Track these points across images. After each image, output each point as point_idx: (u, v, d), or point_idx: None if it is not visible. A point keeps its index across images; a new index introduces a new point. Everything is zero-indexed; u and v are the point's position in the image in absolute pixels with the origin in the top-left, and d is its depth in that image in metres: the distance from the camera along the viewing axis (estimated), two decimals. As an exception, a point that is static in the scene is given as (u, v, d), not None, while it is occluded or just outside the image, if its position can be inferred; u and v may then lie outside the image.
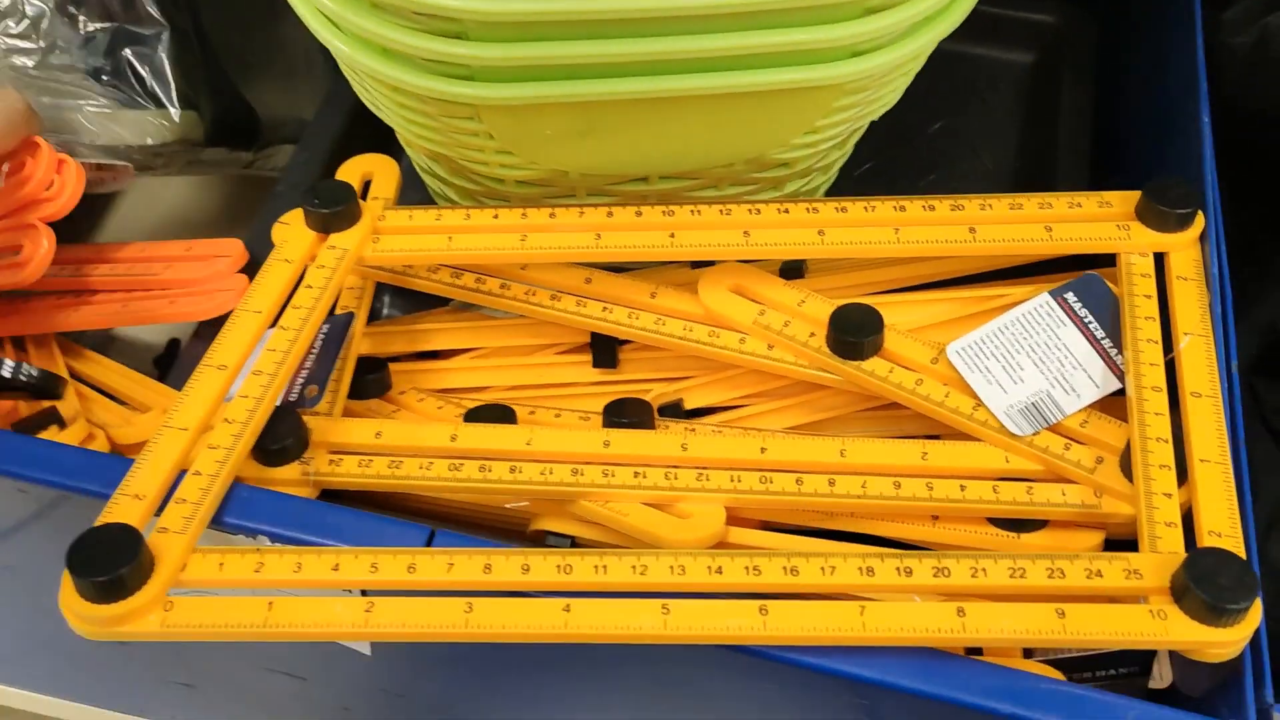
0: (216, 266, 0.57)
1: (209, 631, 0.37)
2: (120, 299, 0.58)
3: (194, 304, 0.56)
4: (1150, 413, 0.45)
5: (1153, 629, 0.39)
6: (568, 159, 0.50)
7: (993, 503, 0.46)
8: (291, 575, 0.38)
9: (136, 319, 0.57)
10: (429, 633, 0.36)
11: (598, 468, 0.47)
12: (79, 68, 0.55)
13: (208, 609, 0.37)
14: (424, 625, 0.36)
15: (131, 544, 0.37)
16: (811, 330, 0.50)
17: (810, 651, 0.39)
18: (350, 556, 0.38)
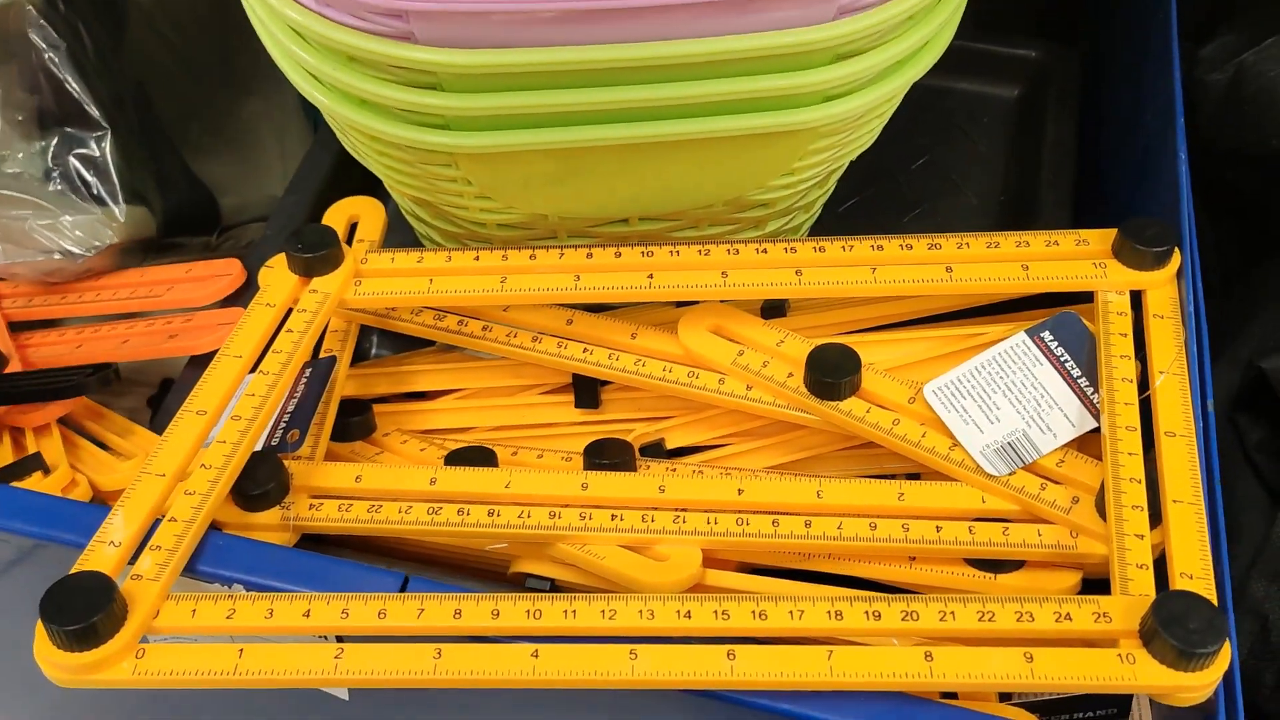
0: (216, 286, 0.58)
1: (181, 679, 0.37)
2: (121, 335, 0.59)
3: (193, 339, 0.57)
4: (1124, 453, 0.45)
5: (1121, 673, 0.39)
6: (545, 204, 0.50)
7: (969, 544, 0.46)
8: (263, 622, 0.38)
9: (136, 354, 0.58)
10: (398, 679, 0.37)
11: (575, 510, 0.47)
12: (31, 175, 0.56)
13: (179, 656, 0.37)
14: (393, 671, 0.37)
15: (104, 592, 0.37)
16: (790, 370, 0.50)
17: (780, 696, 0.39)
18: (322, 603, 0.38)
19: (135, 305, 0.59)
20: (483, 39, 0.41)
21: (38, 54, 0.55)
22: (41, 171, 0.57)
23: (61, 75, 0.56)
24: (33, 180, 0.57)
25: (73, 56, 0.56)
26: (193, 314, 0.57)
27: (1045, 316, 0.51)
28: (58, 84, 0.56)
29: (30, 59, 0.55)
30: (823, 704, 0.39)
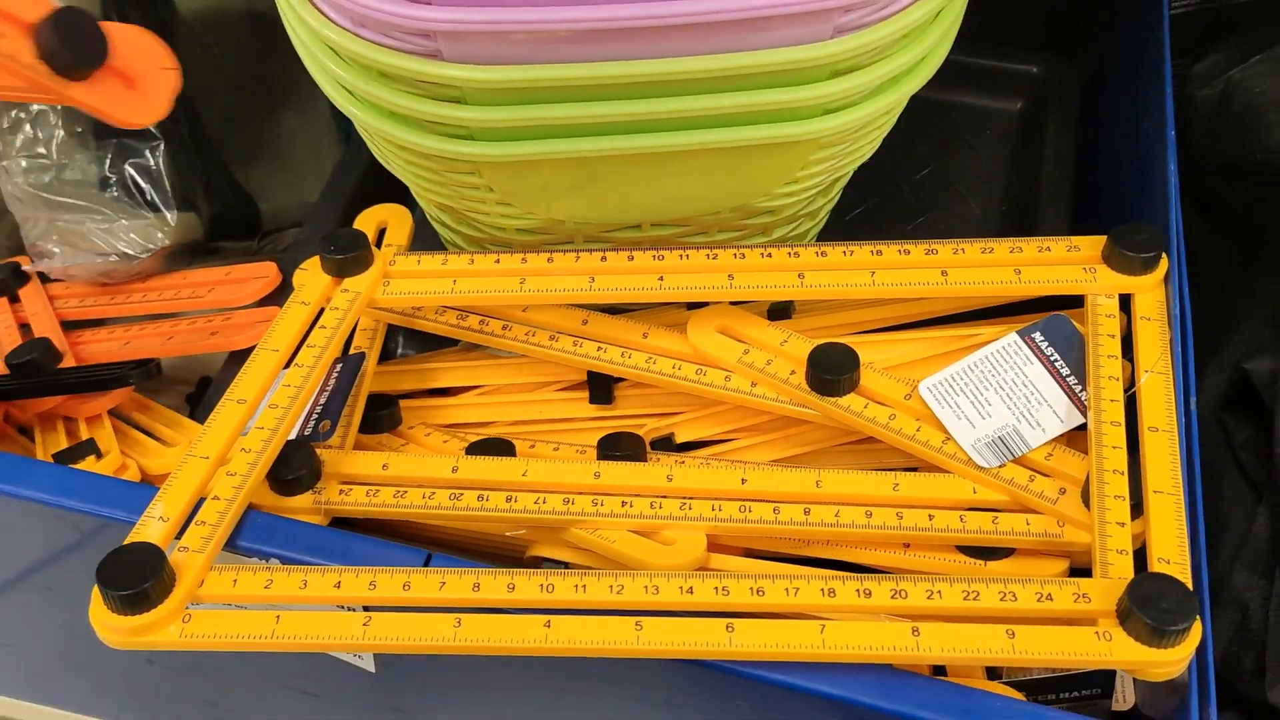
0: (254, 287, 0.61)
1: (223, 642, 0.40)
2: (166, 332, 0.62)
3: (232, 336, 0.61)
4: (1109, 446, 0.48)
5: (1098, 649, 0.41)
6: (563, 210, 0.53)
7: (959, 531, 0.49)
8: (298, 591, 0.41)
9: (180, 350, 0.61)
10: (420, 645, 0.40)
11: (588, 497, 0.50)
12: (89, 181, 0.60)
13: (222, 621, 0.41)
14: (416, 638, 0.40)
15: (155, 561, 0.41)
16: (792, 368, 0.53)
17: (774, 668, 0.41)
18: (351, 575, 0.42)
19: (179, 305, 0.63)
20: (504, 56, 0.44)
21: (93, 68, 0.59)
22: (98, 179, 0.61)
23: (116, 88, 0.59)
24: (90, 187, 0.61)
25: (126, 70, 0.59)
26: (232, 313, 0.61)
27: (1037, 319, 0.54)
28: (113, 96, 0.60)
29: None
30: (816, 676, 0.42)
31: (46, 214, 0.60)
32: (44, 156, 0.60)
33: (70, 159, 0.60)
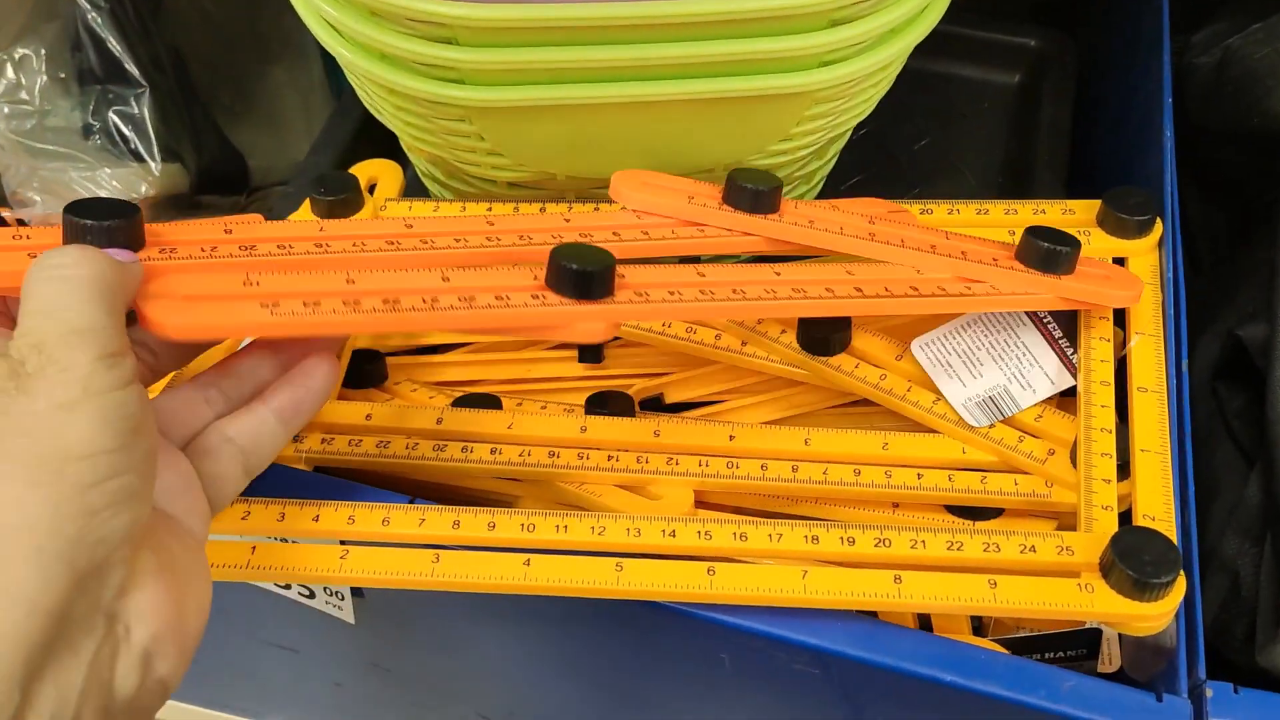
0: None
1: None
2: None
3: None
4: (1097, 405, 0.47)
5: (1079, 601, 0.41)
6: (553, 162, 0.53)
7: (948, 490, 0.48)
8: (274, 524, 0.41)
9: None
10: (398, 580, 0.39)
11: (574, 451, 0.49)
12: (72, 129, 0.60)
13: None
14: (393, 573, 0.39)
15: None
16: (783, 328, 0.52)
17: (757, 619, 0.41)
18: (330, 509, 0.41)
19: (163, 258, 0.62)
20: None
21: (81, 13, 0.58)
22: (81, 126, 0.60)
23: (103, 34, 0.59)
24: (73, 135, 0.60)
25: (114, 17, 0.59)
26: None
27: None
28: (99, 42, 0.59)
29: (73, 18, 0.58)
30: (800, 626, 0.41)
31: (28, 161, 0.59)
32: (26, 103, 0.59)
33: (53, 105, 0.59)
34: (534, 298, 0.40)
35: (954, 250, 0.49)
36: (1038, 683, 0.40)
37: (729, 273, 0.46)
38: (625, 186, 0.49)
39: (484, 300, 0.40)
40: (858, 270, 0.48)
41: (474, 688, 0.54)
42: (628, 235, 0.47)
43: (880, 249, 0.49)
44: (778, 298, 0.45)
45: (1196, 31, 0.61)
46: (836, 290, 0.46)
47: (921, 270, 0.48)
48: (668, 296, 0.43)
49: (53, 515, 0.28)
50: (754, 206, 0.49)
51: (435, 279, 0.40)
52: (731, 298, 0.44)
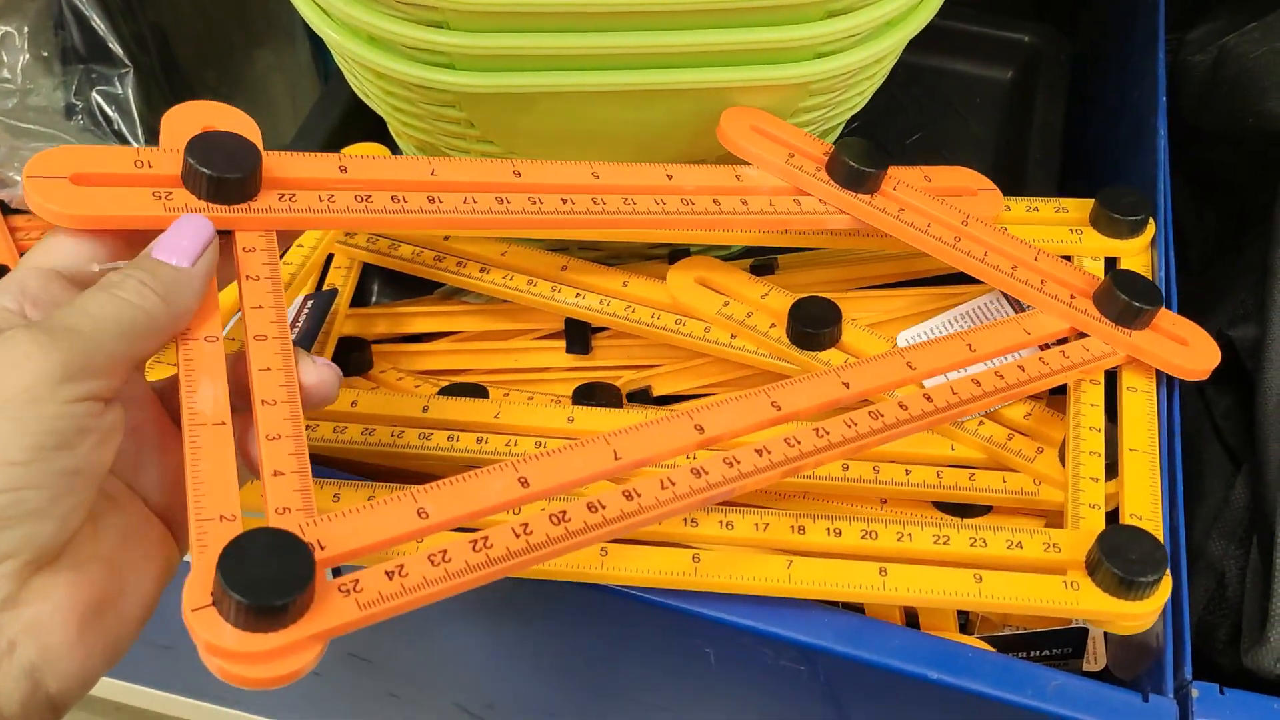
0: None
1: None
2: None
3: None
4: (1086, 403, 0.47)
5: (1065, 598, 0.41)
6: (544, 150, 0.52)
7: (936, 487, 0.48)
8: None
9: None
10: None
11: (561, 441, 0.49)
12: (54, 108, 0.58)
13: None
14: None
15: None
16: (772, 321, 0.52)
17: (742, 613, 0.41)
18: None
19: (145, 241, 0.61)
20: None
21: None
22: (64, 106, 0.59)
23: (87, 12, 0.58)
24: (56, 115, 0.59)
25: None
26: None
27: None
28: (83, 21, 0.58)
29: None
30: (786, 621, 0.41)
31: (9, 141, 0.58)
32: (8, 81, 0.58)
33: (35, 84, 0.58)
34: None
35: (1033, 277, 0.49)
36: (1024, 681, 0.40)
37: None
38: (733, 129, 0.49)
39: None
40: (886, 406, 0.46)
41: (452, 679, 0.54)
42: (726, 205, 0.48)
43: (960, 258, 0.49)
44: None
45: (1192, 29, 0.60)
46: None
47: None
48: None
49: None
50: (853, 184, 0.49)
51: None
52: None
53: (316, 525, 0.33)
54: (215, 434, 0.34)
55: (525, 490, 0.36)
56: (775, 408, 0.41)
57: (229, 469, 0.33)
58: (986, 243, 0.49)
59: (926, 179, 0.52)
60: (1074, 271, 0.49)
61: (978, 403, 0.44)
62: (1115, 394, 0.48)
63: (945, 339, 0.46)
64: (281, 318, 0.37)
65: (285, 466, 0.34)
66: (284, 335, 0.37)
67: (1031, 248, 0.49)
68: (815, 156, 0.49)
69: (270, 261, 0.39)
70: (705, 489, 0.38)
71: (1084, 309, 0.48)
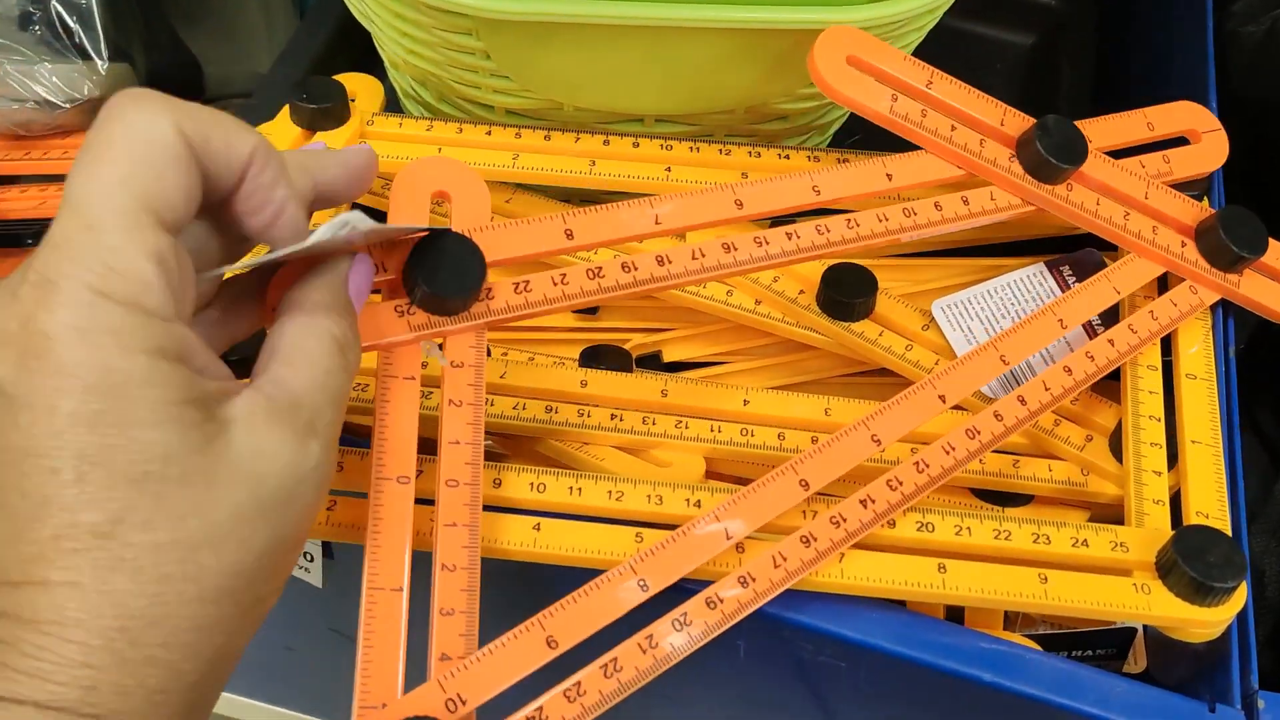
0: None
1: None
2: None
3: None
4: (1144, 390, 0.44)
5: (1135, 603, 0.38)
6: (565, 90, 0.47)
7: (978, 473, 0.45)
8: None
9: None
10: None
11: (573, 407, 0.45)
12: (7, 16, 0.52)
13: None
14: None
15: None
16: (801, 288, 0.48)
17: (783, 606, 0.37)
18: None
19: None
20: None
21: (22, -117, 0.51)
22: (19, 15, 0.53)
23: (47, -91, 0.52)
24: (9, 24, 0.53)
25: (59, -108, 0.52)
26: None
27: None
28: (42, -82, 0.52)
29: (14, -112, 0.51)
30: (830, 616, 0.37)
31: (-46, 49, 0.52)
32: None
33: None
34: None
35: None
36: (1087, 688, 0.37)
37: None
38: (826, 60, 0.44)
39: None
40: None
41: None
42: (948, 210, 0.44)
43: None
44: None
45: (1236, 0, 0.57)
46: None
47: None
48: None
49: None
50: (1044, 176, 0.45)
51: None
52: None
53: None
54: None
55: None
56: (876, 442, 0.40)
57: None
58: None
59: (1150, 126, 0.48)
60: (1181, 205, 0.47)
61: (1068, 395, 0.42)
62: (1172, 380, 0.45)
63: (1034, 318, 0.43)
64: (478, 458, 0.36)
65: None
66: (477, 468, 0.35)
67: (1142, 181, 0.46)
68: (924, 95, 0.45)
69: (476, 383, 0.37)
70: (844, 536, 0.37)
71: (1192, 259, 0.46)
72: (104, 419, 0.25)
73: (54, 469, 0.25)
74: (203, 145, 0.28)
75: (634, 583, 0.35)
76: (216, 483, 0.26)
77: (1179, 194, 0.47)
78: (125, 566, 0.25)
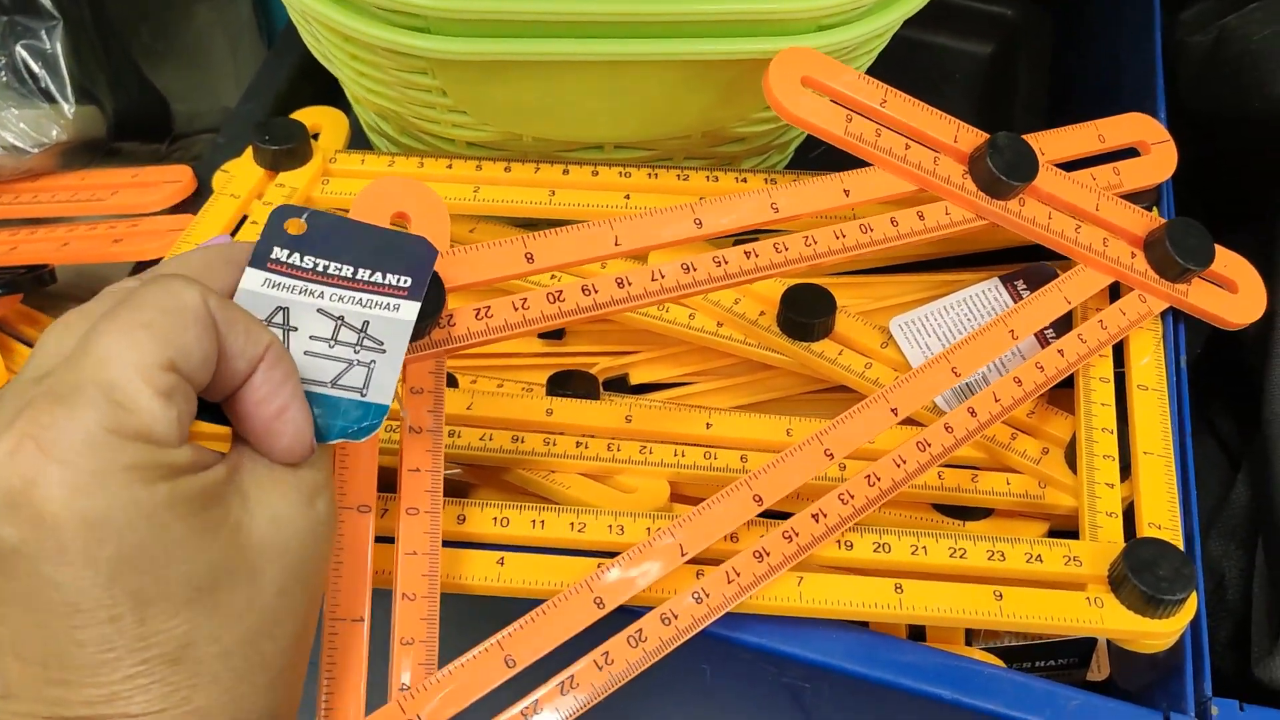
0: (164, 192, 0.54)
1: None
2: (60, 237, 0.55)
3: (139, 244, 0.54)
4: (1097, 403, 0.45)
5: (1089, 616, 0.38)
6: (521, 123, 0.48)
7: (937, 489, 0.46)
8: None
9: (77, 257, 0.54)
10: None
11: (539, 436, 0.46)
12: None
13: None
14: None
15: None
16: (761, 309, 0.49)
17: (746, 629, 0.38)
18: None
19: (76, 209, 0.56)
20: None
21: (-16, -67, 0.52)
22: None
23: (9, -42, 0.53)
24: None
25: (23, -60, 0.52)
26: (139, 220, 0.54)
27: (1021, 268, 0.51)
28: (6, -34, 0.53)
29: (-24, -62, 0.52)
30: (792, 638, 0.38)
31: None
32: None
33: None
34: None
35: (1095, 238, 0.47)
36: (1043, 702, 0.38)
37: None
38: (781, 82, 0.44)
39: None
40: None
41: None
42: (904, 226, 0.45)
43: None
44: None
45: (1185, 8, 0.58)
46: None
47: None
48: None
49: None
50: (995, 193, 0.45)
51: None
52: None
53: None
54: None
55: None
56: (829, 456, 0.41)
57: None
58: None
59: (1101, 138, 0.49)
60: (1131, 215, 0.48)
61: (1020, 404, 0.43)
62: (1124, 391, 0.46)
63: (985, 329, 0.44)
64: (437, 485, 0.37)
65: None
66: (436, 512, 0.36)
67: (1093, 194, 0.47)
68: (879, 114, 0.45)
69: (436, 409, 0.37)
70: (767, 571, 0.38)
71: (1141, 270, 0.47)
72: (146, 554, 0.25)
73: (114, 616, 0.25)
74: (227, 324, 0.28)
75: (590, 601, 0.36)
76: (255, 569, 0.27)
77: (1129, 205, 0.48)
78: (202, 682, 0.26)
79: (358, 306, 0.33)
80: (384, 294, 0.33)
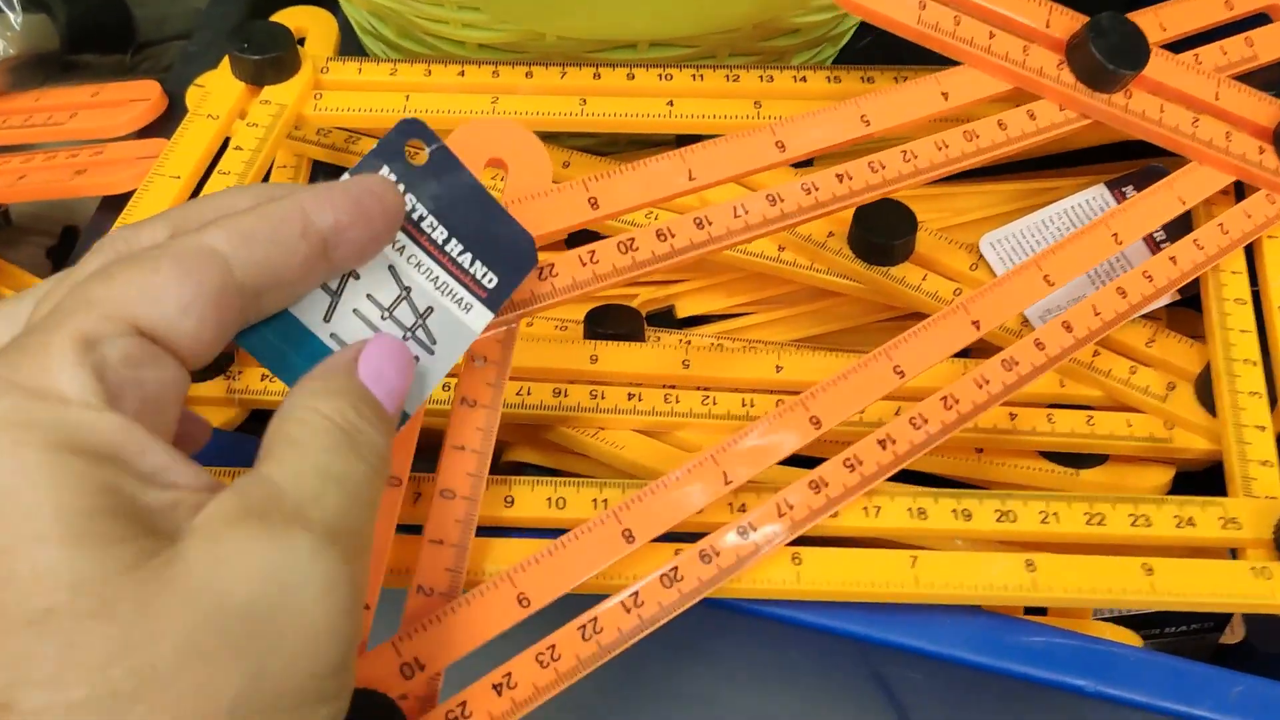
0: (131, 113, 0.47)
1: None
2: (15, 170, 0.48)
3: (105, 175, 0.46)
4: (1235, 329, 0.39)
5: (1256, 590, 0.33)
6: (545, 18, 0.41)
7: (1048, 434, 0.39)
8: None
9: (34, 193, 0.47)
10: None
11: (584, 388, 0.39)
12: None
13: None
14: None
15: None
16: (830, 229, 0.42)
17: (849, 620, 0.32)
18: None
19: (31, 136, 0.48)
20: None
21: None
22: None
23: None
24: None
25: None
26: (104, 146, 0.47)
27: (1128, 169, 0.44)
28: None
29: None
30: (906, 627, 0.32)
31: None
32: None
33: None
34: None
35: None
36: (1201, 689, 0.32)
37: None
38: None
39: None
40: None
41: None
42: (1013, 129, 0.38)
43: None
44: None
45: None
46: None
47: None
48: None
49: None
50: (1101, 82, 0.38)
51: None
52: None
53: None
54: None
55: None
56: (899, 373, 0.34)
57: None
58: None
59: (1229, 4, 0.42)
60: (1258, 103, 0.40)
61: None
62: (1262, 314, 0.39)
63: (1084, 231, 0.38)
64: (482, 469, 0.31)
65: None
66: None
67: (1212, 81, 0.40)
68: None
69: (497, 383, 0.32)
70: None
71: (1272, 166, 0.40)
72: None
73: None
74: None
75: (618, 533, 0.31)
76: (153, 610, 0.19)
77: (1254, 91, 0.41)
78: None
79: (431, 285, 0.27)
80: (464, 284, 0.27)
